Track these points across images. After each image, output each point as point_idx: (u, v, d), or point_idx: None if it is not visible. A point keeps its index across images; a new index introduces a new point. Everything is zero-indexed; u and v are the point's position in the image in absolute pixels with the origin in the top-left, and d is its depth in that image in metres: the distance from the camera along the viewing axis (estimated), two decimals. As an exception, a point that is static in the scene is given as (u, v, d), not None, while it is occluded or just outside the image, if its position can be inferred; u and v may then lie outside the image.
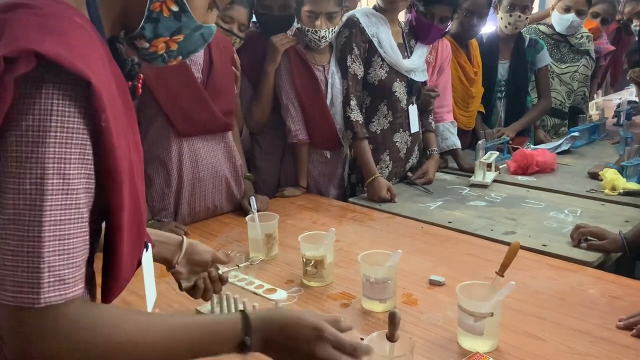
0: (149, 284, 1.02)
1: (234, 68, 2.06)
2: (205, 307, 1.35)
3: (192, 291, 1.20)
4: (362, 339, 1.14)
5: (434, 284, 1.48)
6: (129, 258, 0.81)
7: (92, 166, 0.70)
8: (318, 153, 2.36)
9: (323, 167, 2.38)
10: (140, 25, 0.82)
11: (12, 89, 0.63)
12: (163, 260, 1.15)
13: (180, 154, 1.89)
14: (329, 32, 2.17)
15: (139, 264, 0.91)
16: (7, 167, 0.65)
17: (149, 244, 0.99)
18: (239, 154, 2.09)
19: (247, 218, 1.70)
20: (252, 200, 1.71)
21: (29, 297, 0.65)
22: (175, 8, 0.82)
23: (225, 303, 1.29)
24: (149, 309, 1.08)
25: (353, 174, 2.39)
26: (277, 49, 2.21)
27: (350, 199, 2.28)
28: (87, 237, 0.71)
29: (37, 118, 0.65)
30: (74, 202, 0.68)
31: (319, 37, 2.17)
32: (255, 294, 1.44)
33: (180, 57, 0.90)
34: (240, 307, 1.26)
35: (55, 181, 0.65)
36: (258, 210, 1.68)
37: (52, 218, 0.66)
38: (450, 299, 1.35)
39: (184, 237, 1.17)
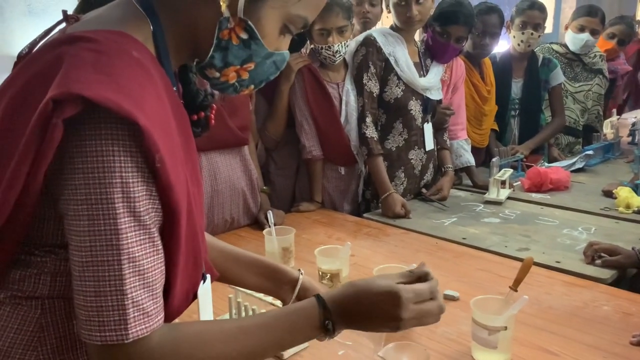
0: (206, 318, 0.97)
1: None
2: (223, 317, 1.38)
3: None
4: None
5: (448, 298, 1.49)
6: (182, 292, 0.80)
7: (158, 200, 0.71)
8: (332, 169, 2.39)
9: (337, 182, 2.41)
10: (210, 55, 0.80)
11: (60, 129, 0.64)
12: (277, 297, 1.12)
13: (200, 167, 1.93)
14: (342, 47, 2.21)
15: (195, 296, 0.89)
16: (77, 210, 0.67)
17: (208, 276, 0.94)
18: (255, 167, 2.13)
19: (264, 232, 1.73)
20: (270, 214, 1.74)
21: (117, 335, 0.67)
22: (244, 36, 0.79)
23: (243, 314, 1.32)
24: None
25: (368, 190, 2.42)
26: (291, 68, 2.25)
27: (364, 215, 2.30)
28: (164, 267, 0.73)
29: (101, 159, 0.65)
30: (147, 236, 0.69)
31: (333, 52, 2.21)
32: (273, 305, 1.46)
33: (252, 86, 0.87)
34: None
35: (126, 219, 0.67)
36: (274, 224, 1.71)
37: (130, 255, 0.67)
38: (465, 314, 1.36)
39: (300, 277, 1.09)
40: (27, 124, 0.66)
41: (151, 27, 0.77)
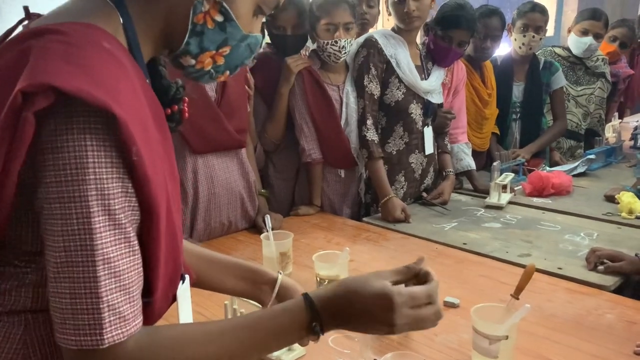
0: (185, 319, 0.95)
1: (247, 87, 2.09)
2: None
3: None
4: (375, 360, 1.15)
5: (448, 305, 1.47)
6: (163, 293, 0.77)
7: (135, 198, 0.68)
8: (332, 172, 2.37)
9: (337, 186, 2.38)
10: (185, 41, 0.78)
11: (32, 123, 0.61)
12: (256, 299, 1.10)
13: (196, 170, 1.91)
14: (347, 43, 2.20)
15: (175, 298, 0.86)
16: (50, 209, 0.63)
17: (187, 276, 0.93)
18: (252, 170, 2.11)
19: (262, 236, 1.71)
20: (267, 218, 1.72)
21: (92, 340, 0.64)
22: (219, 18, 0.78)
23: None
24: None
25: (368, 194, 2.39)
26: (291, 70, 2.23)
27: (364, 219, 2.28)
28: (141, 269, 0.70)
29: (73, 155, 0.62)
30: (123, 236, 0.66)
31: (339, 47, 2.19)
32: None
33: (228, 72, 0.86)
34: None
35: (101, 218, 0.64)
36: (272, 229, 1.69)
37: (105, 256, 0.64)
38: (465, 321, 1.34)
39: (279, 277, 1.08)
40: None
41: (120, 19, 0.74)
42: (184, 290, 0.90)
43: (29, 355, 0.73)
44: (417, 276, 0.83)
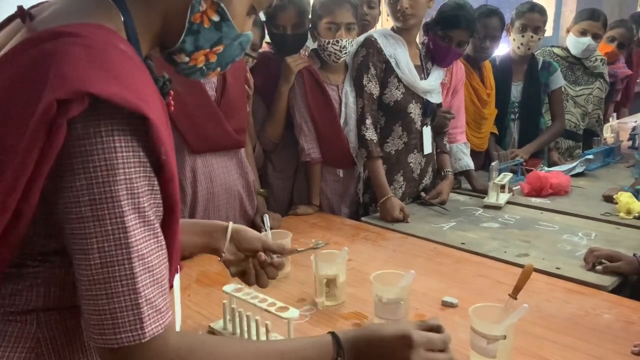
0: (177, 306, 1.00)
1: (246, 87, 2.09)
2: (217, 323, 1.36)
3: (244, 277, 1.18)
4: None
5: (446, 305, 1.47)
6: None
7: (159, 195, 0.70)
8: (331, 172, 2.37)
9: (336, 185, 2.38)
10: (181, 39, 0.79)
11: (64, 131, 0.62)
12: (212, 250, 1.14)
13: (195, 170, 1.91)
14: (348, 43, 2.20)
15: (171, 286, 0.89)
16: (80, 212, 0.64)
17: (178, 266, 0.97)
18: (251, 170, 2.11)
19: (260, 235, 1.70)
20: (266, 218, 1.72)
21: (134, 335, 0.66)
22: (216, 18, 0.80)
23: (237, 320, 1.30)
24: (178, 329, 1.08)
25: (366, 193, 2.40)
26: (291, 69, 2.24)
27: (363, 219, 2.28)
28: (167, 262, 0.72)
29: (103, 157, 0.63)
30: (152, 232, 0.68)
31: (340, 47, 2.19)
32: (267, 311, 1.44)
33: (219, 69, 0.88)
34: (253, 324, 1.26)
35: (132, 216, 0.65)
36: (271, 228, 1.69)
37: (139, 252, 0.66)
38: (463, 321, 1.34)
39: (230, 224, 1.14)
40: (18, 131, 0.63)
41: (121, 17, 0.74)
42: (176, 279, 0.94)
43: (42, 353, 0.74)
44: (431, 330, 0.91)
